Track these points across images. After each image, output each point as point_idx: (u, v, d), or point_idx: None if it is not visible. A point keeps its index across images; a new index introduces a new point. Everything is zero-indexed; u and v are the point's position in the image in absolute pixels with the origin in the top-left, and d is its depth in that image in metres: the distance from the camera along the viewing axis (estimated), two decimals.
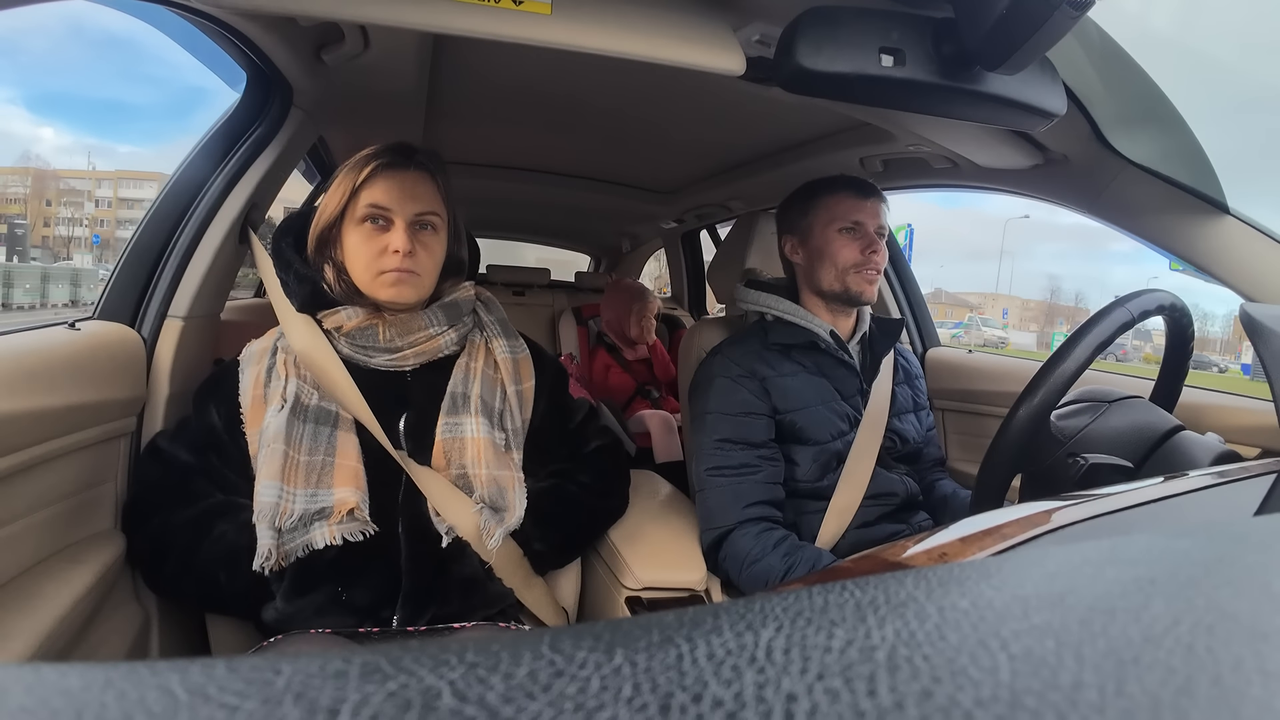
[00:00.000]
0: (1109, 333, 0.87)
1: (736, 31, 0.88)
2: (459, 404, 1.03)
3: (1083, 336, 0.87)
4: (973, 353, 1.81)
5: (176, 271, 1.13)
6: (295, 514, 0.92)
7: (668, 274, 3.51)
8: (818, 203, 1.26)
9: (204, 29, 0.97)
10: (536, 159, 2.16)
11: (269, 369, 1.01)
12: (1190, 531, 0.31)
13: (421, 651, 0.17)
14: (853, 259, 1.22)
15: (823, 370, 1.26)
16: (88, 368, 0.95)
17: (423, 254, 0.99)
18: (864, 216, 1.23)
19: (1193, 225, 1.05)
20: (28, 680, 0.15)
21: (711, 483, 1.18)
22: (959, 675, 0.17)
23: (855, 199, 1.24)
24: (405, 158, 1.00)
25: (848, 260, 1.23)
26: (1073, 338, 0.88)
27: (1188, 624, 0.20)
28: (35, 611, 0.80)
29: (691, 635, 0.19)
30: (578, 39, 0.79)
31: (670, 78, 1.16)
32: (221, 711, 0.14)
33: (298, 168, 1.52)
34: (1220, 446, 0.88)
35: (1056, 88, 0.84)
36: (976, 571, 0.24)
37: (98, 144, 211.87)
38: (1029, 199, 1.35)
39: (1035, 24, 0.67)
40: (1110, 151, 1.06)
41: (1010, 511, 0.48)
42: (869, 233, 1.23)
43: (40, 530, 0.88)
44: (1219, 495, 0.49)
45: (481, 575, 1.02)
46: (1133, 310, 0.90)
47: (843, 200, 1.25)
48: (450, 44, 1.22)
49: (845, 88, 0.78)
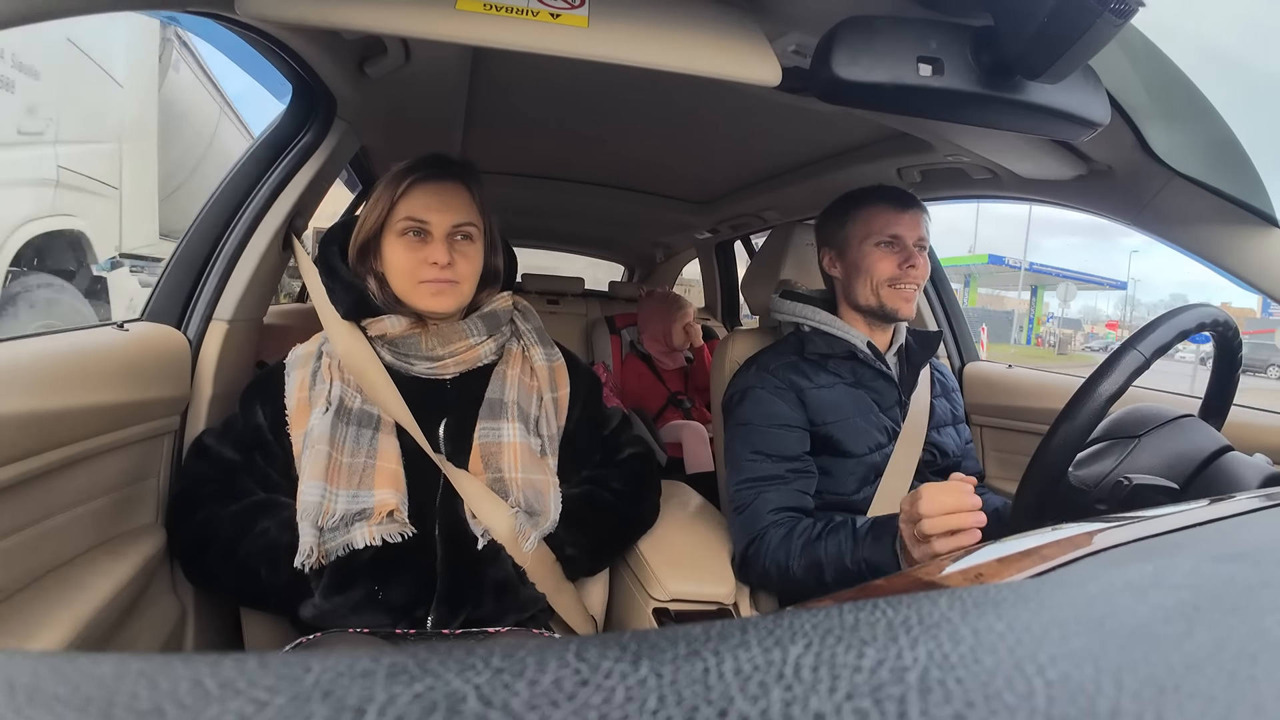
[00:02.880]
0: (1150, 351, 0.85)
1: (773, 42, 0.88)
2: (496, 410, 1.05)
3: (1124, 354, 0.85)
4: (1012, 368, 1.77)
5: (222, 276, 1.17)
6: (337, 514, 0.94)
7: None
8: (854, 215, 1.24)
9: (252, 42, 1.00)
10: (572, 169, 2.17)
11: (314, 373, 1.03)
12: (1236, 556, 0.30)
13: (448, 655, 0.17)
14: (889, 273, 1.20)
15: (860, 382, 1.24)
16: (135, 367, 0.98)
17: (461, 263, 1.01)
18: (902, 229, 1.21)
19: (1241, 238, 1.02)
20: (62, 669, 0.16)
21: (743, 495, 1.17)
22: (993, 700, 0.17)
23: (893, 211, 1.22)
24: (441, 169, 1.02)
25: (884, 274, 1.20)
26: (1114, 355, 0.85)
27: (1231, 651, 0.19)
28: (75, 601, 0.82)
29: (719, 649, 0.19)
30: (614, 51, 0.80)
31: (706, 88, 1.16)
32: (251, 706, 0.15)
33: (340, 176, 1.55)
34: (1269, 468, 0.85)
35: (1100, 97, 0.82)
36: (1014, 593, 0.24)
37: None
38: (1070, 210, 1.32)
39: (1077, 32, 0.65)
40: (1156, 162, 1.03)
41: (1050, 533, 0.46)
42: (907, 246, 1.21)
43: (84, 522, 0.91)
44: (1267, 519, 0.48)
45: (515, 579, 1.03)
46: (1178, 327, 0.87)
47: (880, 213, 1.22)
48: (489, 56, 1.24)
49: (882, 97, 0.77)
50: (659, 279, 3.69)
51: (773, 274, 1.47)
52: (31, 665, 0.16)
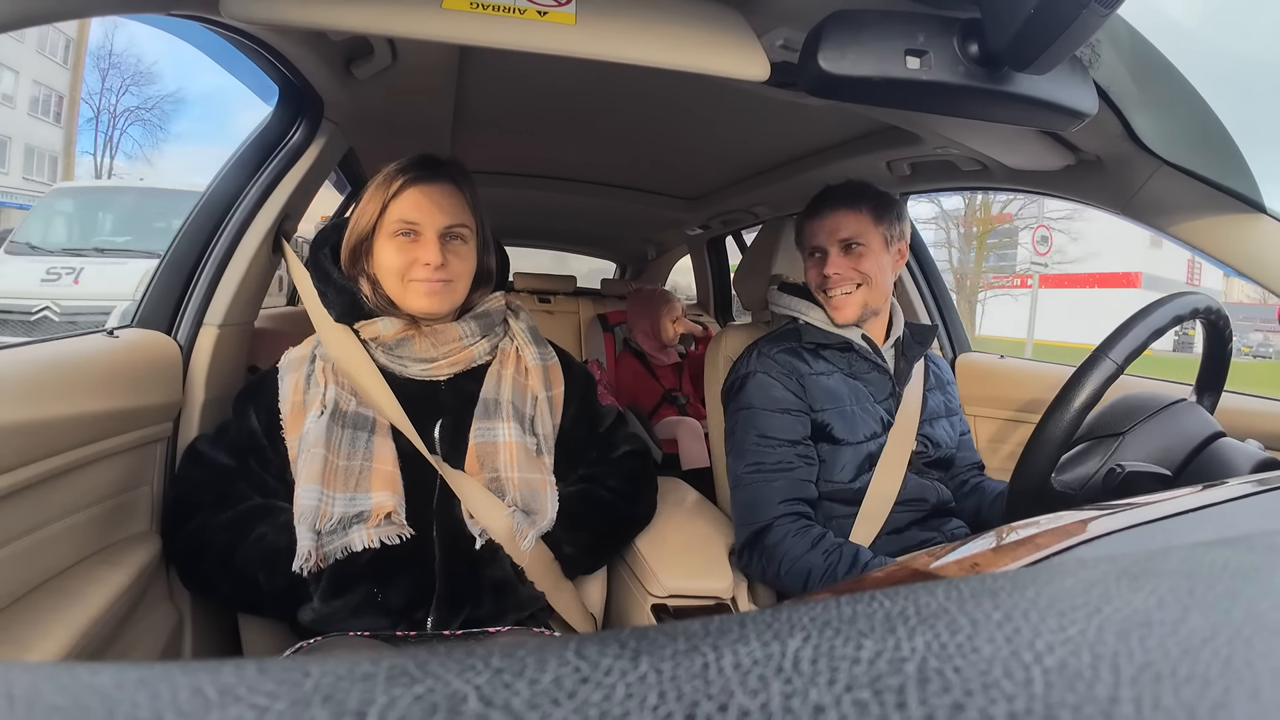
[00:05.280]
0: (1143, 338, 0.85)
1: (760, 37, 0.88)
2: (491, 410, 1.05)
3: (1116, 342, 0.85)
4: (1004, 358, 1.78)
5: (212, 281, 1.16)
6: (335, 517, 0.94)
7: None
8: (799, 228, 1.28)
9: (236, 44, 0.99)
10: (562, 167, 2.17)
11: (308, 376, 1.03)
12: (1230, 541, 0.30)
13: (448, 656, 0.17)
14: (816, 282, 1.24)
15: (855, 373, 1.25)
16: (126, 374, 0.97)
17: (455, 263, 1.01)
18: (821, 238, 1.23)
19: (1229, 226, 1.03)
20: (61, 679, 0.16)
21: (749, 479, 1.17)
22: (991, 688, 0.17)
23: (808, 220, 1.25)
24: (433, 170, 1.02)
25: (815, 283, 1.24)
26: (1105, 343, 0.86)
27: (1225, 636, 0.20)
28: (71, 611, 0.82)
29: (718, 644, 0.19)
30: (602, 48, 0.80)
31: (695, 84, 1.16)
32: (251, 712, 0.15)
33: (328, 178, 1.54)
34: (1260, 453, 0.85)
35: (1087, 87, 0.82)
36: (1010, 582, 0.24)
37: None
38: (1060, 200, 1.33)
39: (1064, 23, 0.66)
40: (1143, 151, 1.03)
41: (1045, 521, 0.47)
42: (828, 252, 1.22)
43: (78, 532, 0.91)
44: (1260, 503, 0.48)
45: (513, 578, 1.03)
46: (1166, 315, 0.87)
47: (806, 224, 1.26)
48: (477, 55, 1.24)
49: (871, 91, 0.77)
50: (651, 276, 3.69)
51: (764, 269, 1.47)
52: (30, 676, 0.16)
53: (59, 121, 19.38)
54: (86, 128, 20.10)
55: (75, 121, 19.77)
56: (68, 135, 19.58)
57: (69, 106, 19.56)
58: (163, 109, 21.96)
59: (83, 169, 19.58)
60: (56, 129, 19.29)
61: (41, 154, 18.84)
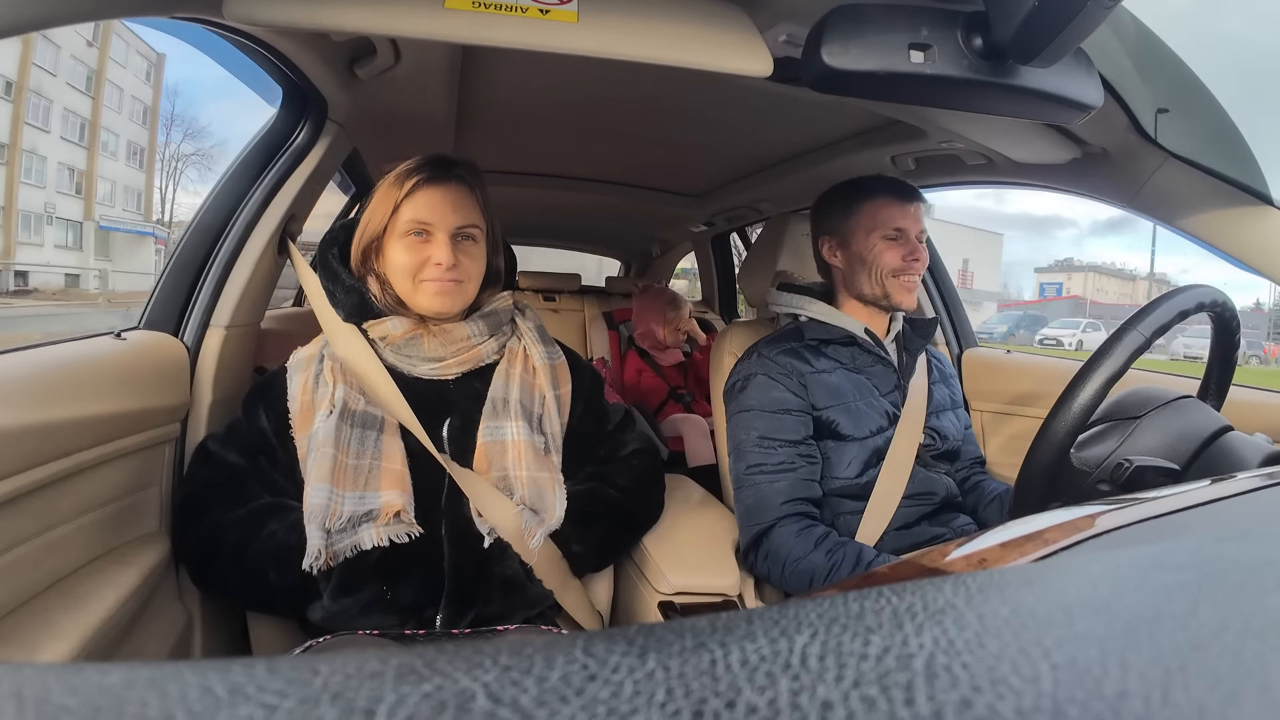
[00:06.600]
0: (1150, 332, 0.85)
1: (763, 33, 0.87)
2: (500, 409, 1.05)
3: (1123, 336, 0.85)
4: (1011, 353, 1.77)
5: (218, 282, 1.16)
6: (344, 515, 0.94)
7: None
8: (859, 207, 1.25)
9: (240, 46, 0.99)
10: (566, 165, 2.17)
11: (316, 375, 1.03)
12: (1238, 535, 0.30)
13: (456, 654, 0.18)
14: (894, 265, 1.22)
15: (860, 367, 1.25)
16: (133, 376, 0.98)
17: (466, 263, 1.02)
18: (907, 223, 1.23)
19: (1236, 218, 1.02)
20: (71, 679, 0.16)
21: (751, 480, 1.17)
22: (999, 684, 0.17)
23: (898, 205, 1.24)
24: (445, 171, 1.02)
25: (889, 266, 1.22)
26: (1113, 338, 0.86)
27: (1235, 630, 0.19)
28: (82, 611, 0.82)
29: (725, 640, 0.19)
30: (605, 46, 0.80)
31: (698, 81, 1.16)
32: (261, 710, 0.15)
33: (332, 178, 1.55)
34: (1269, 447, 0.85)
35: (1092, 79, 0.81)
36: (1018, 578, 0.24)
37: None
38: (1066, 194, 1.32)
39: (1068, 16, 0.65)
40: (1150, 143, 1.03)
41: (1053, 516, 0.46)
42: (911, 239, 1.23)
43: (88, 533, 0.91)
44: (1268, 498, 0.48)
45: (522, 576, 1.03)
46: (1174, 309, 0.87)
47: (886, 206, 1.24)
48: (479, 54, 1.24)
49: (875, 85, 0.77)
50: (656, 273, 3.69)
51: (769, 265, 1.46)
52: (40, 677, 0.16)
53: (142, 167, 29.47)
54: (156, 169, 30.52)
55: (153, 167, 30.30)
56: (148, 178, 30.04)
57: (149, 156, 29.77)
58: (211, 155, 32.90)
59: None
60: (140, 172, 29.33)
61: (130, 190, 28.71)
